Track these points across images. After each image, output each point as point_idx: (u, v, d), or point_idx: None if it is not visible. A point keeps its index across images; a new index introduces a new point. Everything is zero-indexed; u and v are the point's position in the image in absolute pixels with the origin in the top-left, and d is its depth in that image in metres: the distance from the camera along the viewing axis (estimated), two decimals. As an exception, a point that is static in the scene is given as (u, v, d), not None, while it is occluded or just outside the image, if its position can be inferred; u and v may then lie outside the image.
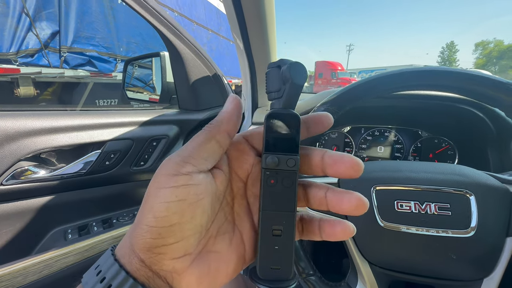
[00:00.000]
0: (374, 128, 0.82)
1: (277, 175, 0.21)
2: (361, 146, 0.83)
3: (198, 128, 0.86)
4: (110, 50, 3.83)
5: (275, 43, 0.79)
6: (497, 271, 0.38)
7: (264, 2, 0.61)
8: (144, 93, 1.03)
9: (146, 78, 1.04)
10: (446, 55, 40.77)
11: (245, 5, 0.60)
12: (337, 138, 0.85)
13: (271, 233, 0.21)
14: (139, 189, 0.80)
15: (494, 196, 0.39)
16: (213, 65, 0.88)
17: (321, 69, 19.03)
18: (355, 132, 0.84)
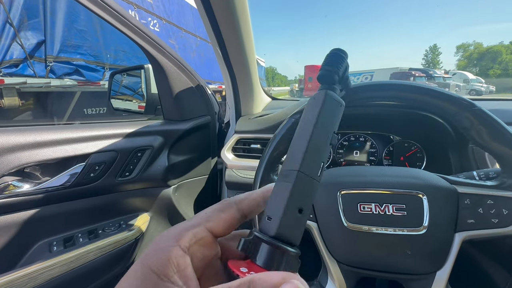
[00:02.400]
0: (350, 134, 0.87)
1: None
2: (338, 151, 0.88)
3: (182, 137, 0.89)
4: (97, 59, 3.81)
5: (253, 52, 0.83)
6: (448, 264, 0.42)
7: (237, 11, 0.65)
8: (129, 105, 1.05)
9: (131, 90, 1.06)
10: (430, 58, 42.23)
11: (218, 15, 0.64)
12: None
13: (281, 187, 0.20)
14: (124, 199, 0.81)
15: (443, 196, 0.43)
16: (196, 76, 0.92)
17: (311, 73, 19.33)
18: (332, 138, 0.88)
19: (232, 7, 0.63)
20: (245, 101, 0.97)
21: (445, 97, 0.44)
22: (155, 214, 0.89)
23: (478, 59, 37.51)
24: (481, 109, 0.42)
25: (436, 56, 42.19)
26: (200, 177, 1.00)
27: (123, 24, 0.68)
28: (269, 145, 0.51)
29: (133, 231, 0.78)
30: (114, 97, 1.09)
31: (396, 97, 0.49)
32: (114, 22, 0.66)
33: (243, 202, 0.22)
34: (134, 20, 0.70)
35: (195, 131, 0.93)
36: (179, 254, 0.17)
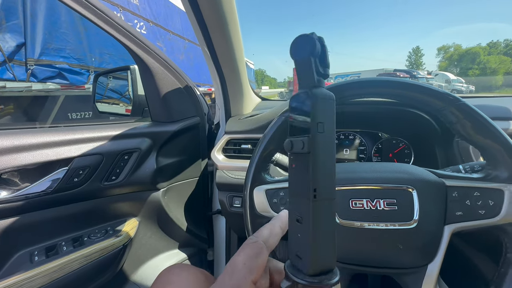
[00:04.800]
0: (340, 132, 0.87)
1: (297, 159, 0.20)
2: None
3: (171, 139, 0.87)
4: (82, 62, 3.70)
5: (242, 52, 0.83)
6: (438, 256, 0.42)
7: (225, 11, 0.64)
8: (116, 107, 1.02)
9: (117, 92, 1.03)
10: (413, 59, 43.72)
11: (205, 14, 0.64)
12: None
13: (295, 219, 0.20)
14: (111, 204, 0.78)
15: (432, 189, 0.44)
16: (184, 77, 0.90)
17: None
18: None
19: (219, 6, 0.63)
20: (234, 101, 0.96)
21: (431, 92, 0.44)
22: (144, 219, 0.86)
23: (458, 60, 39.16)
24: (466, 103, 0.43)
25: (419, 58, 43.75)
26: (190, 179, 0.98)
27: (107, 23, 0.66)
28: (259, 145, 0.51)
29: (120, 237, 0.75)
30: (99, 100, 1.06)
31: (383, 93, 0.49)
32: (97, 21, 0.64)
33: (270, 241, 0.23)
34: (119, 20, 0.68)
35: (184, 133, 0.91)
36: None
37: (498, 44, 40.86)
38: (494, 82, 30.73)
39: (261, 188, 0.50)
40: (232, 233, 1.05)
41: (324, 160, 0.19)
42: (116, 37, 0.68)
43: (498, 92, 24.88)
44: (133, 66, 0.89)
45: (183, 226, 0.96)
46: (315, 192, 0.19)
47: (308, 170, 0.19)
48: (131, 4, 4.67)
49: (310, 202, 0.19)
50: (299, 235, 0.20)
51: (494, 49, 39.74)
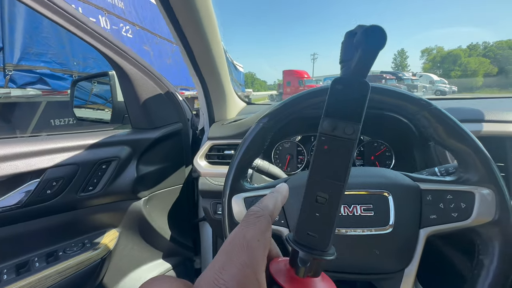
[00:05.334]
0: None
1: (332, 141, 0.20)
2: (311, 153, 0.88)
3: (152, 146, 0.84)
4: (64, 67, 3.60)
5: (222, 57, 0.82)
6: (414, 260, 0.43)
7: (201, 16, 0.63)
8: (95, 113, 0.99)
9: (96, 98, 1.00)
10: (399, 61, 45.07)
11: (182, 22, 0.63)
12: (290, 147, 0.90)
13: (315, 199, 0.21)
14: (89, 215, 0.75)
15: (408, 193, 0.44)
16: (165, 83, 0.88)
17: (289, 78, 19.76)
18: (306, 141, 0.89)
19: (195, 12, 0.62)
20: (217, 106, 0.95)
21: (405, 97, 0.45)
22: (124, 229, 0.83)
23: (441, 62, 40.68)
24: (437, 108, 0.43)
25: (404, 60, 45.14)
26: (174, 186, 0.96)
27: (80, 29, 0.63)
28: (236, 153, 0.50)
29: (98, 250, 0.72)
30: (77, 106, 1.02)
31: None
32: (69, 27, 0.62)
33: (275, 213, 0.22)
34: (93, 25, 0.66)
35: (166, 139, 0.89)
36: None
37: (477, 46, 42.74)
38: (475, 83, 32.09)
39: (240, 196, 0.49)
40: (219, 240, 1.03)
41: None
42: (90, 42, 0.66)
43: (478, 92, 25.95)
44: (111, 72, 0.86)
45: (167, 235, 0.93)
46: (347, 176, 0.20)
47: (350, 156, 0.20)
48: (116, 7, 4.60)
49: (343, 186, 0.20)
50: (317, 214, 0.20)
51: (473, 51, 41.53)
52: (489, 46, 41.76)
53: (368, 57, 0.19)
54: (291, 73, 19.94)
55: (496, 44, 41.44)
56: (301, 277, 0.20)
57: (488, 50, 40.97)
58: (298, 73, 19.77)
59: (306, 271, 0.20)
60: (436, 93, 18.59)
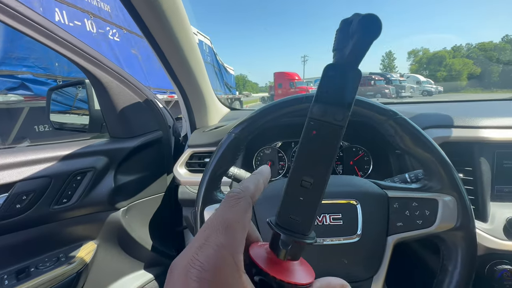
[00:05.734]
0: None
1: (321, 126, 0.20)
2: (292, 159, 0.89)
3: (131, 155, 0.83)
4: (48, 71, 3.51)
5: (200, 63, 0.81)
6: (382, 267, 0.43)
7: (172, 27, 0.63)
8: (72, 123, 0.97)
9: (74, 107, 0.98)
10: (387, 63, 46.13)
11: (155, 34, 0.62)
12: (270, 153, 0.90)
13: (299, 183, 0.21)
14: (63, 228, 0.73)
15: (375, 201, 0.45)
16: (144, 91, 0.87)
17: (280, 80, 19.89)
18: (287, 147, 0.90)
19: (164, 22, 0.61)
20: (198, 113, 0.94)
21: (373, 107, 0.46)
22: (103, 241, 0.81)
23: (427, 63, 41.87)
24: (402, 117, 0.44)
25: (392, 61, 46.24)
26: (155, 195, 0.95)
27: (47, 37, 0.62)
28: (209, 164, 0.50)
29: (74, 263, 0.70)
30: (54, 114, 0.99)
31: None
32: (37, 36, 0.60)
33: (256, 194, 0.21)
34: (62, 33, 0.64)
35: (146, 148, 0.88)
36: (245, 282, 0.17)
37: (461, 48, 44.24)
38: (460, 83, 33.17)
39: (212, 207, 0.49)
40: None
41: None
42: (59, 51, 0.64)
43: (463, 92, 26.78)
44: (88, 80, 0.85)
45: (148, 245, 0.91)
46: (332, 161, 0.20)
47: (338, 141, 0.20)
48: (102, 11, 4.53)
49: (328, 171, 0.20)
50: (301, 198, 0.20)
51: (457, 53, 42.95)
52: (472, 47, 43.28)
53: (362, 45, 0.19)
54: (282, 75, 20.08)
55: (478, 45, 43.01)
56: (282, 259, 0.21)
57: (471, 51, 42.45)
58: (289, 75, 19.92)
59: (287, 254, 0.21)
60: (423, 93, 19.08)
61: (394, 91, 16.53)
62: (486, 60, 38.99)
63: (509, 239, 0.56)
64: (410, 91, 17.82)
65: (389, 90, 16.12)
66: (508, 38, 42.59)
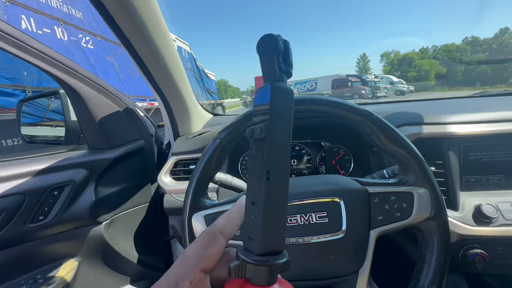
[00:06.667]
0: None
1: (255, 145, 0.21)
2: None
3: (112, 167, 0.80)
4: (16, 82, 3.30)
5: (180, 70, 0.81)
6: (367, 260, 0.45)
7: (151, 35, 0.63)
8: (46, 135, 0.92)
9: (48, 118, 0.93)
10: (362, 65, 48.29)
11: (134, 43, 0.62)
12: (256, 157, 0.91)
13: (251, 203, 0.21)
14: (41, 247, 0.69)
15: (357, 198, 0.47)
16: (123, 99, 0.85)
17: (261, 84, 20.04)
18: (271, 150, 0.91)
19: (141, 28, 0.61)
20: (181, 120, 0.94)
21: (350, 108, 0.48)
22: (85, 258, 0.77)
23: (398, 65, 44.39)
24: (378, 117, 0.47)
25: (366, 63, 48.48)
26: (139, 206, 0.92)
27: (15, 46, 0.59)
28: (195, 171, 0.50)
29: (53, 284, 0.66)
30: (25, 127, 0.94)
31: (311, 110, 0.52)
32: (1, 45, 0.57)
33: (227, 229, 0.22)
34: (33, 42, 0.62)
35: (128, 158, 0.85)
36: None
37: (427, 49, 47.38)
38: (429, 83, 35.42)
39: (200, 214, 0.49)
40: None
41: (278, 144, 0.21)
42: (31, 61, 0.62)
43: (432, 90, 28.60)
44: (62, 90, 0.81)
45: (134, 258, 0.88)
46: (268, 174, 0.20)
47: (263, 153, 0.20)
48: (73, 17, 4.35)
49: (263, 183, 0.20)
50: (252, 217, 0.21)
51: (425, 54, 45.96)
52: (437, 49, 46.48)
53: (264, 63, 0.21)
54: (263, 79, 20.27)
55: (442, 47, 46.30)
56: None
57: (437, 53, 45.61)
58: (270, 79, 20.14)
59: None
60: (396, 93, 20.11)
61: (370, 92, 17.29)
62: (450, 61, 42.04)
63: (478, 225, 0.61)
64: (384, 91, 18.73)
65: (365, 91, 16.84)
66: (467, 40, 46.30)
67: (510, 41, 39.73)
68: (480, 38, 45.43)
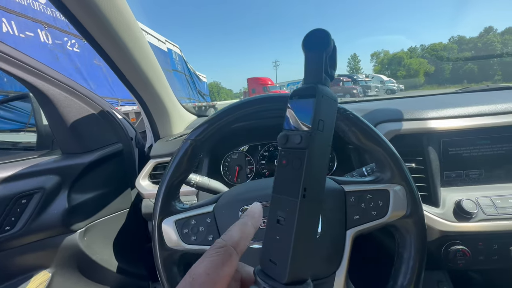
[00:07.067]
0: (269, 144, 0.89)
1: (288, 154, 0.19)
2: (260, 162, 0.89)
3: (87, 172, 0.77)
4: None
5: (156, 69, 0.78)
6: (344, 262, 0.44)
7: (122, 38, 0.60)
8: (16, 140, 0.88)
9: (17, 123, 0.89)
10: (352, 65, 48.97)
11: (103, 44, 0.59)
12: (238, 158, 0.89)
13: (276, 220, 0.19)
14: (9, 259, 0.65)
15: (333, 197, 0.45)
16: (98, 101, 0.82)
17: (253, 85, 20.13)
18: (253, 150, 0.89)
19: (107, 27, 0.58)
20: (160, 122, 0.91)
21: None
22: (59, 269, 0.74)
23: (388, 64, 45.20)
24: (353, 113, 0.46)
25: (357, 63, 49.17)
26: (118, 212, 0.89)
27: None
28: (165, 174, 0.47)
29: (22, 298, 0.63)
30: (-4, 133, 0.90)
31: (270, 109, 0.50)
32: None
33: (241, 244, 0.19)
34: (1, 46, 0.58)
35: (104, 162, 0.82)
36: None
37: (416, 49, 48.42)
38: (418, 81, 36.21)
39: (170, 219, 0.47)
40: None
41: (319, 159, 0.19)
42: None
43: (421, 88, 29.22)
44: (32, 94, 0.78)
45: (113, 267, 0.85)
46: (305, 192, 0.18)
47: (301, 167, 0.18)
48: (58, 20, 4.25)
49: (297, 202, 0.17)
50: (277, 237, 0.18)
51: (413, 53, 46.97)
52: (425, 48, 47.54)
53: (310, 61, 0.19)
54: (255, 80, 20.34)
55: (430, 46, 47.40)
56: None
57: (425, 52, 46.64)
58: (262, 80, 20.24)
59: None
60: (387, 91, 20.45)
61: (361, 91, 17.50)
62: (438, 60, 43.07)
63: (459, 221, 0.60)
64: (375, 90, 19.00)
65: (356, 91, 17.03)
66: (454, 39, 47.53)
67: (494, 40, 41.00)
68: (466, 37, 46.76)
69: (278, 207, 0.19)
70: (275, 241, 0.19)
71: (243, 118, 0.49)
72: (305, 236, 0.18)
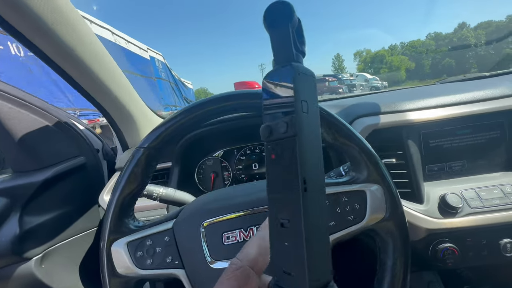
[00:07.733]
0: (245, 147, 0.83)
1: (277, 147, 0.17)
2: (237, 167, 0.83)
3: (42, 190, 0.69)
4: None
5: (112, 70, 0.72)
6: None
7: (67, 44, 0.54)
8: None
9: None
10: (337, 65, 50.05)
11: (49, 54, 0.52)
12: (213, 164, 0.83)
13: (279, 224, 0.16)
14: None
15: None
16: (53, 112, 0.74)
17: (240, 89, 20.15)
18: (229, 155, 0.84)
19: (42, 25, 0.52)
20: (127, 131, 0.84)
21: None
22: (12, 303, 0.65)
23: (371, 62, 46.53)
24: (324, 109, 0.41)
25: (341, 63, 50.28)
26: (85, 232, 0.80)
27: None
28: (116, 187, 0.41)
29: None
30: None
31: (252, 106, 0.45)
32: None
33: (260, 262, 0.18)
34: None
35: (64, 178, 0.74)
36: None
37: (396, 46, 50.06)
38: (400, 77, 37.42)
39: (121, 241, 0.40)
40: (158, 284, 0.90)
41: (312, 143, 0.17)
42: None
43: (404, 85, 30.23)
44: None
45: (80, 295, 0.77)
46: (305, 184, 0.16)
47: (295, 156, 0.16)
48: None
49: (300, 197, 0.15)
50: (286, 243, 0.16)
51: (394, 51, 48.53)
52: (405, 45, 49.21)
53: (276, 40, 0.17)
54: (242, 85, 20.34)
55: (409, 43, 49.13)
56: None
57: (405, 49, 48.26)
58: (249, 84, 20.26)
59: None
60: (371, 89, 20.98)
61: (347, 90, 17.85)
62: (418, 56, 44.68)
63: (445, 217, 0.57)
64: (360, 89, 19.46)
65: (342, 90, 17.36)
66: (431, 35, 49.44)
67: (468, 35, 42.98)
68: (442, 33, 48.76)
69: (278, 208, 0.17)
70: (284, 249, 0.16)
71: (206, 119, 0.44)
72: (317, 235, 0.16)
